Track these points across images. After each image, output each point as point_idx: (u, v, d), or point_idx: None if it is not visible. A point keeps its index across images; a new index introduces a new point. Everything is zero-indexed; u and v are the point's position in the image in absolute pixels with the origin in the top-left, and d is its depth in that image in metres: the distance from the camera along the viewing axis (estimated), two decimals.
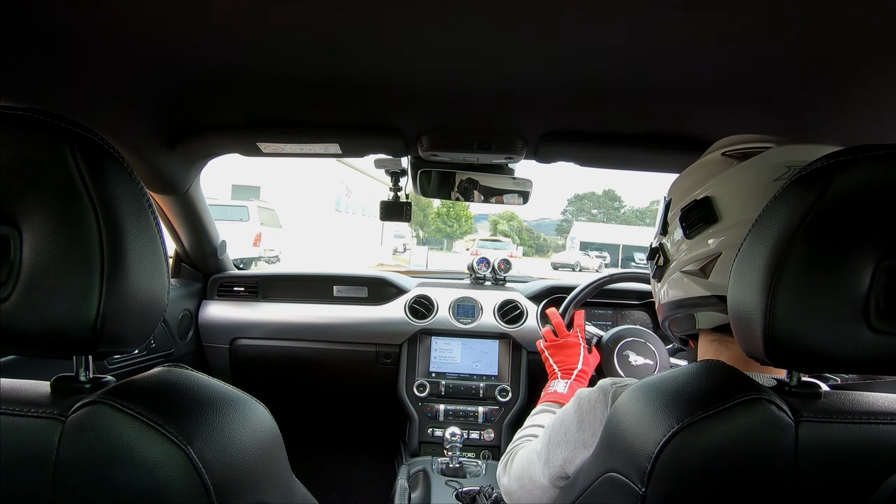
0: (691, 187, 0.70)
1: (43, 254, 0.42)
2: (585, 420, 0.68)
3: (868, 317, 0.45)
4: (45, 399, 0.47)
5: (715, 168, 0.68)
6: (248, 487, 0.48)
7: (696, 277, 0.67)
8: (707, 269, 0.65)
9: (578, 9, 0.69)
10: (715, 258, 0.65)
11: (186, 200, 1.52)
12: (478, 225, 50.48)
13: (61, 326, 0.43)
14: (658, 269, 0.76)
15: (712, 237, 0.65)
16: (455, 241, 40.37)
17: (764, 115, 1.00)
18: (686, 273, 0.69)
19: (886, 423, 0.47)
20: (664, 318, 0.76)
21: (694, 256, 0.67)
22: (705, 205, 0.66)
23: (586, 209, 50.98)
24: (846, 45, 0.73)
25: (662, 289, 0.75)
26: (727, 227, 0.64)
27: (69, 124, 0.44)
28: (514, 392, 1.76)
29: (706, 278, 0.65)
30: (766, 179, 0.61)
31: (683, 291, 0.69)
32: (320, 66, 0.91)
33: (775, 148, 0.63)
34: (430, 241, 40.77)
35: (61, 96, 0.94)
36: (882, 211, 0.44)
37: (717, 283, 0.64)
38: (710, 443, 0.46)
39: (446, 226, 40.75)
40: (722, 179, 0.66)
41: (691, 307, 0.69)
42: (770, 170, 0.62)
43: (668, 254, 0.74)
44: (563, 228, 51.75)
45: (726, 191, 0.65)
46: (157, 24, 0.77)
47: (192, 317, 1.80)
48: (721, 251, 0.64)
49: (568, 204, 53.15)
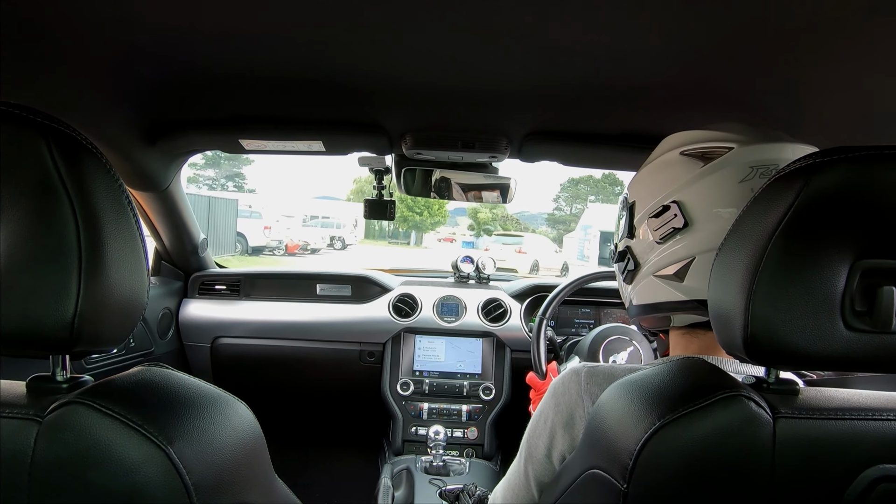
0: (656, 190, 0.70)
1: (19, 251, 0.42)
2: (561, 402, 0.68)
3: (844, 315, 0.46)
4: (20, 399, 0.46)
5: (677, 170, 0.69)
6: (229, 487, 0.47)
7: (671, 282, 0.68)
8: (682, 273, 0.66)
9: (559, 12, 0.70)
10: (689, 263, 0.65)
11: (167, 197, 1.50)
12: (458, 218, 44.43)
13: (37, 325, 0.42)
14: (629, 273, 0.76)
15: (684, 242, 0.66)
16: (425, 234, 33.67)
17: (740, 113, 1.02)
18: (660, 277, 0.69)
19: (861, 419, 0.48)
20: (636, 317, 0.77)
21: (667, 261, 0.68)
22: (674, 210, 0.67)
23: (582, 195, 43.10)
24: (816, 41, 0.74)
25: (633, 291, 0.76)
26: (699, 232, 0.65)
27: (45, 119, 0.43)
28: (497, 390, 1.76)
29: (682, 282, 0.66)
30: (732, 181, 0.63)
31: (658, 296, 0.70)
32: (304, 64, 0.91)
33: (737, 149, 0.64)
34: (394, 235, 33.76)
35: (37, 90, 0.92)
36: (858, 211, 0.45)
37: (693, 288, 0.65)
38: (691, 439, 0.47)
39: (413, 213, 30.91)
40: (688, 183, 0.66)
41: (668, 311, 0.70)
42: (735, 172, 0.63)
43: (637, 257, 0.74)
44: (556, 218, 43.74)
45: (694, 196, 0.66)
46: (136, 19, 0.76)
47: (172, 315, 1.77)
48: (695, 255, 0.65)
49: (561, 190, 44.40)
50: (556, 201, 44.57)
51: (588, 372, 0.67)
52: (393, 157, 1.41)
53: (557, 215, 43.84)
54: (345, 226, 21.57)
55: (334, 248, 19.79)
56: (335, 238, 19.91)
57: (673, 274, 0.67)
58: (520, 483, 0.77)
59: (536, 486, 0.74)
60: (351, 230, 21.78)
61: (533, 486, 0.74)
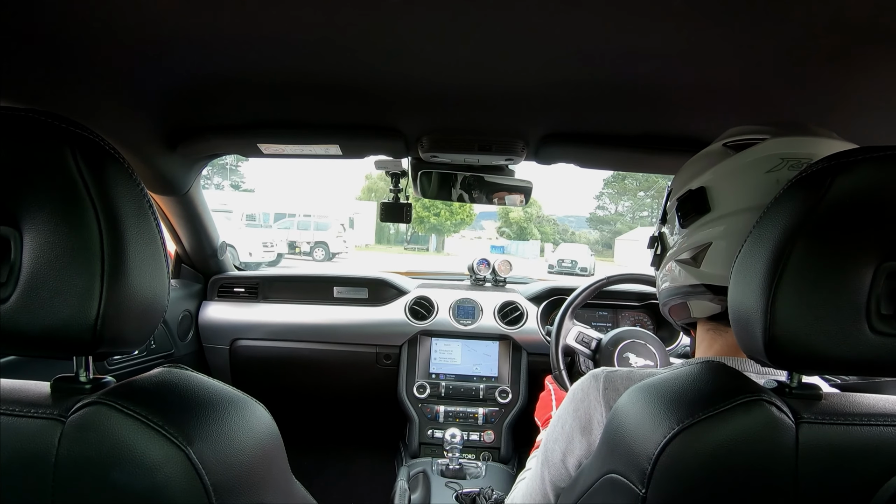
0: (690, 177, 0.71)
1: (43, 254, 0.43)
2: (580, 408, 0.68)
3: (869, 318, 0.45)
4: (45, 399, 0.47)
5: (713, 158, 0.69)
6: (247, 488, 0.48)
7: (687, 266, 0.68)
8: (698, 258, 0.66)
9: (578, 12, 0.69)
10: (706, 247, 0.65)
11: (187, 201, 1.52)
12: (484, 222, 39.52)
13: (62, 327, 0.43)
14: (656, 258, 0.78)
15: (704, 227, 0.66)
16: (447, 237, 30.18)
17: (761, 114, 1.00)
18: (679, 262, 0.70)
19: (887, 424, 0.47)
20: (662, 305, 0.77)
21: (687, 245, 0.68)
22: (699, 195, 0.67)
23: (630, 190, 37.06)
24: (841, 43, 0.73)
25: (660, 276, 0.77)
26: (718, 218, 0.65)
27: (70, 125, 0.44)
28: (514, 393, 1.75)
29: (697, 267, 0.66)
30: (759, 171, 0.62)
31: (676, 280, 0.71)
32: (322, 69, 0.92)
33: (770, 140, 0.63)
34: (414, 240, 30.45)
35: (61, 97, 0.94)
36: (883, 212, 0.44)
37: (707, 273, 0.65)
38: (711, 444, 0.46)
39: (430, 214, 27.35)
40: (717, 170, 0.66)
41: (682, 296, 0.70)
42: (763, 161, 0.62)
43: (667, 242, 0.75)
44: (598, 219, 38.54)
45: (719, 181, 0.66)
46: (157, 26, 0.77)
47: (192, 318, 1.80)
48: (711, 241, 0.65)
49: (604, 186, 38.53)
50: (599, 199, 39.51)
51: (607, 377, 0.67)
52: (409, 160, 1.42)
53: (600, 215, 39.10)
54: (331, 227, 15.92)
55: (314, 259, 15.06)
56: (314, 245, 15.32)
57: (690, 258, 0.67)
58: (535, 487, 0.77)
59: (553, 490, 0.74)
60: (338, 233, 16.09)
61: (549, 490, 0.74)
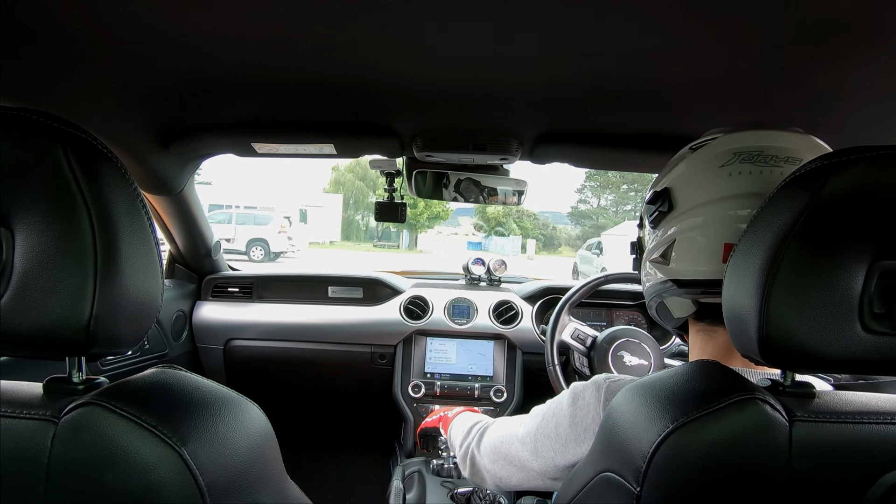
0: (658, 180, 0.75)
1: (36, 254, 0.42)
2: (579, 416, 0.69)
3: (862, 317, 0.45)
4: (37, 400, 0.46)
5: (677, 160, 0.73)
6: (242, 488, 0.48)
7: (658, 265, 0.71)
8: (667, 254, 0.69)
9: (573, 12, 0.69)
10: (672, 243, 0.68)
11: (180, 201, 1.52)
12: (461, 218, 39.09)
13: (54, 327, 0.43)
14: (635, 261, 0.82)
15: (669, 224, 0.69)
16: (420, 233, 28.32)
17: (752, 114, 1.01)
18: (652, 262, 0.73)
19: (879, 422, 0.47)
20: (648, 307, 0.79)
21: (658, 244, 0.71)
22: (664, 195, 0.70)
23: (613, 183, 36.01)
24: (833, 43, 0.73)
25: (642, 278, 0.79)
26: (680, 214, 0.68)
27: (62, 124, 0.44)
28: (509, 392, 1.76)
29: (668, 264, 0.69)
30: (713, 167, 0.65)
31: (651, 279, 0.74)
32: (316, 68, 0.91)
33: (722, 137, 0.67)
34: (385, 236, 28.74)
35: (54, 96, 0.94)
36: (875, 212, 0.45)
37: (674, 268, 0.68)
38: (705, 442, 0.46)
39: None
40: (677, 169, 0.71)
41: (658, 295, 0.73)
42: (716, 158, 0.65)
43: (643, 245, 0.78)
44: (580, 213, 37.36)
45: (680, 180, 0.70)
46: (149, 25, 0.77)
47: (186, 318, 1.79)
48: (676, 237, 0.68)
49: (586, 178, 37.11)
50: (581, 192, 38.00)
51: (608, 388, 0.68)
52: (404, 159, 1.42)
53: (582, 209, 37.88)
54: (273, 221, 13.56)
55: (252, 259, 13.06)
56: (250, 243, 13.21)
57: (660, 256, 0.70)
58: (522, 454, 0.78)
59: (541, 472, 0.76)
60: (281, 229, 13.77)
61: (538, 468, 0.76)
